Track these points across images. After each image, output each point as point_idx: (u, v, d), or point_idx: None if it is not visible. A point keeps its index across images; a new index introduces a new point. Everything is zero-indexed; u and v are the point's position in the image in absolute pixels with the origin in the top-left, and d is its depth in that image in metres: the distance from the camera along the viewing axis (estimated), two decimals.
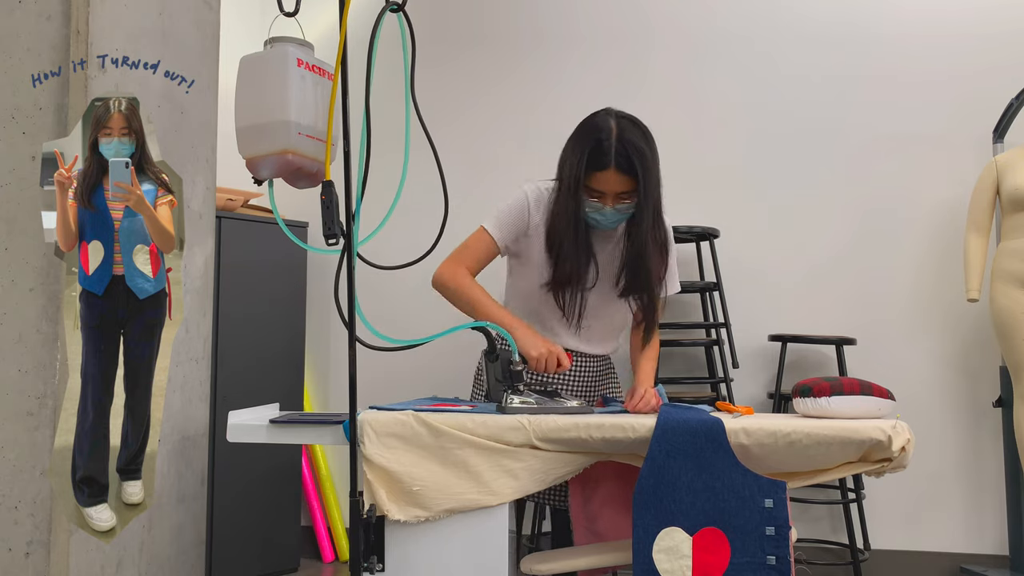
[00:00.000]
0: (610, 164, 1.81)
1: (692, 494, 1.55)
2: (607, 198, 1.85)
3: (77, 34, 1.54)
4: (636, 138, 1.82)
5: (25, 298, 1.49)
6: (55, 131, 1.52)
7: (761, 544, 1.54)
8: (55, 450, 1.61)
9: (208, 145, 1.95)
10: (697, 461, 1.56)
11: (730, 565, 1.53)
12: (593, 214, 1.88)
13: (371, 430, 1.63)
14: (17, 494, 1.47)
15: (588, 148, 1.82)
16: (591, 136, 1.83)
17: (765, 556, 1.54)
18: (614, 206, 1.86)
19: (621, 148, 1.80)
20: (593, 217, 1.89)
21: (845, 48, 3.21)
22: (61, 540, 1.48)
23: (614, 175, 1.82)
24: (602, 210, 1.87)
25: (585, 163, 1.82)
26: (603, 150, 1.81)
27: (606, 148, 1.81)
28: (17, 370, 1.49)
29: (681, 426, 1.57)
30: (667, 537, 1.55)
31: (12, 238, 1.51)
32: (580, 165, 1.83)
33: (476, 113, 3.44)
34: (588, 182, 1.84)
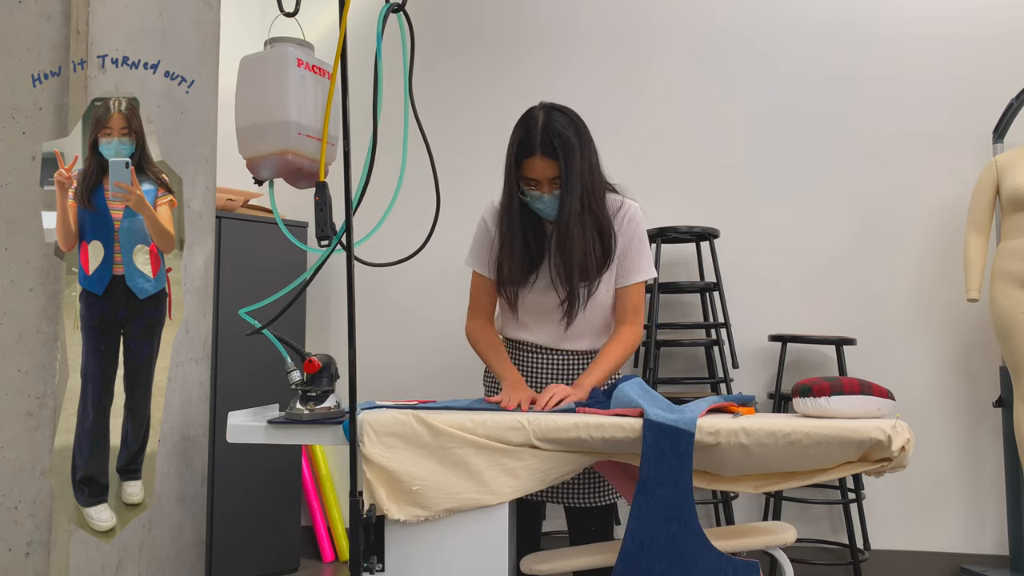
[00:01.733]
0: (536, 150, 1.88)
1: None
2: (542, 185, 1.91)
3: (77, 34, 1.54)
4: (561, 125, 1.89)
5: (25, 298, 1.49)
6: (55, 131, 1.52)
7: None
8: (55, 450, 1.61)
9: (208, 145, 1.95)
10: (670, 551, 1.57)
11: None
12: (534, 203, 1.93)
13: (371, 430, 1.63)
14: (17, 494, 1.47)
15: (519, 137, 1.91)
16: (522, 127, 1.92)
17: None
18: (550, 192, 1.91)
19: (546, 135, 1.87)
20: (535, 206, 1.94)
21: (845, 48, 3.21)
22: (61, 540, 1.48)
23: (540, 161, 1.88)
24: (541, 197, 1.91)
25: (516, 152, 1.91)
26: (530, 138, 1.88)
27: (532, 135, 1.88)
28: (17, 370, 1.49)
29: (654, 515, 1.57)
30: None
31: (12, 238, 1.51)
32: (512, 155, 1.92)
33: (476, 113, 3.44)
34: (522, 171, 1.91)
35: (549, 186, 1.90)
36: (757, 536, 1.82)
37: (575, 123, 1.91)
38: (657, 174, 3.31)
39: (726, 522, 3.00)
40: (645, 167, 3.32)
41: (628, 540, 1.59)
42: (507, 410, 1.77)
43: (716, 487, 1.73)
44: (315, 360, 1.72)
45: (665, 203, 3.26)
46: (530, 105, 1.99)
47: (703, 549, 1.56)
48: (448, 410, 1.72)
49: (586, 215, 1.90)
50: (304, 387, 1.72)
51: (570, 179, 1.87)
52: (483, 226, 2.07)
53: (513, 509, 1.77)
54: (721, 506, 3.04)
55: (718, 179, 3.26)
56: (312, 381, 1.72)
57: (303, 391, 1.72)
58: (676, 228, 3.00)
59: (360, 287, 1.67)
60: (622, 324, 2.03)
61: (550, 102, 1.95)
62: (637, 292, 2.02)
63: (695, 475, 1.69)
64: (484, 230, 2.06)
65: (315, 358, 1.72)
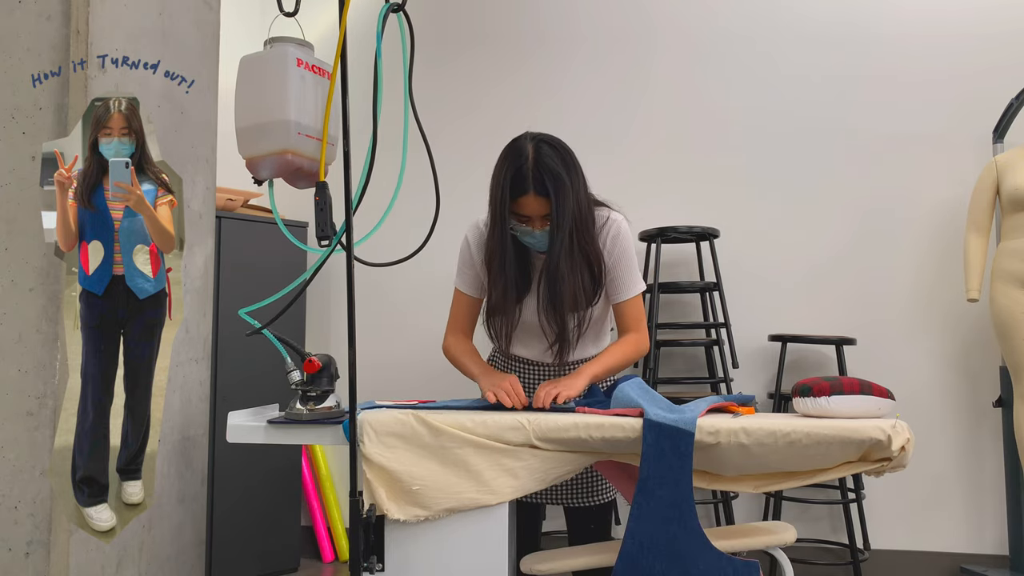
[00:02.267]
0: (529, 189, 1.84)
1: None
2: (534, 221, 1.88)
3: (77, 34, 1.54)
4: (552, 161, 1.84)
5: (25, 298, 1.49)
6: (55, 131, 1.52)
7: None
8: (55, 450, 1.61)
9: (208, 145, 1.95)
10: (671, 550, 1.57)
11: None
12: (524, 237, 1.91)
13: (371, 429, 1.63)
14: (17, 494, 1.47)
15: (510, 174, 1.86)
16: (512, 162, 1.86)
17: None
18: (542, 228, 1.88)
19: (537, 173, 1.83)
20: (525, 240, 1.92)
21: (845, 48, 3.21)
22: (61, 540, 1.48)
23: (534, 199, 1.85)
24: (532, 233, 1.89)
25: (508, 189, 1.86)
26: (522, 175, 1.84)
27: (524, 173, 1.84)
28: (17, 370, 1.49)
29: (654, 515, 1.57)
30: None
31: (12, 238, 1.51)
32: (504, 192, 1.86)
33: (476, 113, 3.44)
34: (514, 208, 1.88)
35: (541, 223, 1.88)
36: (757, 536, 1.82)
37: (564, 157, 1.87)
38: (657, 174, 3.32)
39: (726, 522, 3.00)
40: (645, 167, 3.32)
41: (628, 540, 1.59)
42: (504, 407, 1.77)
43: (716, 487, 1.73)
44: (315, 360, 1.71)
45: (665, 203, 3.26)
46: (530, 105, 1.98)
47: (703, 549, 1.56)
48: (448, 410, 1.72)
49: (575, 249, 1.88)
50: (304, 387, 1.72)
51: (561, 217, 1.84)
52: (466, 248, 2.05)
53: (513, 509, 1.77)
54: (721, 506, 3.04)
55: (718, 179, 3.26)
56: (312, 381, 1.72)
57: (303, 391, 1.72)
58: (676, 228, 3.00)
59: (360, 287, 1.67)
60: (627, 332, 2.02)
61: (537, 133, 1.92)
62: (635, 304, 2.01)
63: (695, 475, 1.69)
64: (467, 252, 2.05)
65: (315, 358, 1.72)
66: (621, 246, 1.98)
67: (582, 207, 1.89)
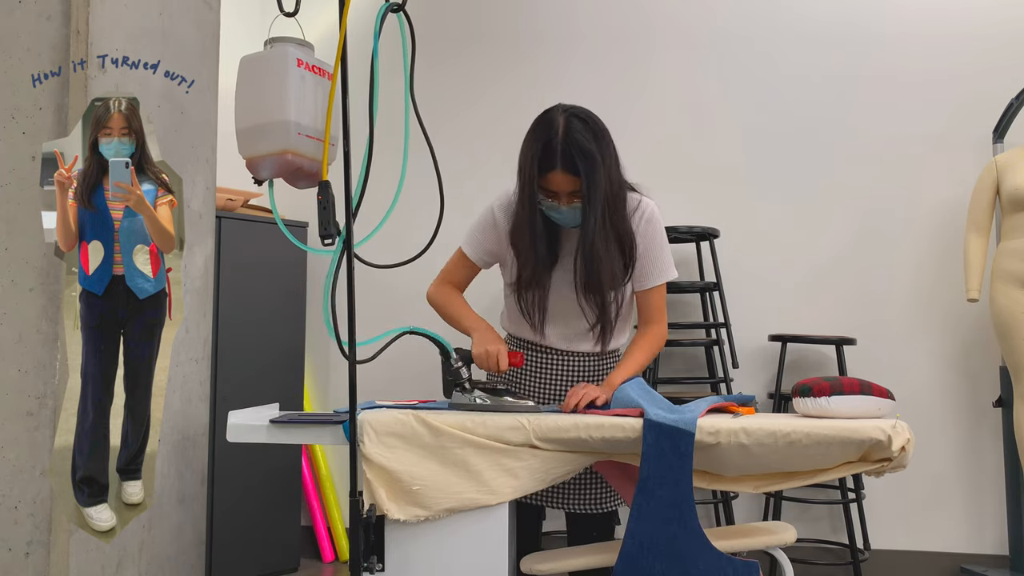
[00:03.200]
0: (557, 165, 1.80)
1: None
2: (560, 197, 1.85)
3: (77, 34, 1.54)
4: (583, 137, 1.80)
5: (25, 298, 1.49)
6: (55, 131, 1.52)
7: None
8: (55, 450, 1.61)
9: (208, 145, 1.95)
10: (671, 550, 1.56)
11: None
12: (552, 212, 1.88)
13: (371, 430, 1.63)
14: (17, 494, 1.47)
15: (539, 148, 1.82)
16: (541, 136, 1.83)
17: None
18: (568, 205, 1.85)
19: (566, 148, 1.79)
20: (553, 215, 1.89)
21: (845, 48, 3.21)
22: (61, 540, 1.48)
23: (561, 175, 1.81)
24: (558, 208, 1.86)
25: (537, 164, 1.82)
26: (551, 150, 1.80)
27: (552, 148, 1.80)
28: (17, 370, 1.49)
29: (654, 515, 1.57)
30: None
31: (12, 238, 1.51)
32: (532, 166, 1.83)
33: (476, 113, 3.44)
34: (541, 183, 1.84)
35: (567, 199, 1.84)
36: (757, 536, 1.82)
37: (596, 133, 1.83)
38: (657, 174, 3.29)
39: (726, 522, 3.00)
40: (645, 167, 3.29)
41: (628, 540, 1.59)
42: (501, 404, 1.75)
43: (716, 487, 1.73)
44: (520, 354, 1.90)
45: (665, 203, 3.23)
46: (529, 105, 1.97)
47: (703, 549, 1.56)
48: (448, 410, 1.72)
49: (608, 228, 1.84)
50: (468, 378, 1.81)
51: (593, 195, 1.80)
52: (491, 216, 2.01)
53: (513, 509, 1.77)
54: (721, 506, 3.03)
55: (718, 179, 3.26)
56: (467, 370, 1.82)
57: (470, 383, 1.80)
58: (676, 228, 3.00)
59: (360, 287, 1.67)
60: (649, 324, 2.00)
61: (569, 105, 1.87)
62: (659, 293, 1.99)
63: (695, 475, 1.69)
64: (491, 219, 2.01)
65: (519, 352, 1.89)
66: (654, 230, 1.95)
67: (613, 184, 1.85)
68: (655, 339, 1.99)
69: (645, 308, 2.00)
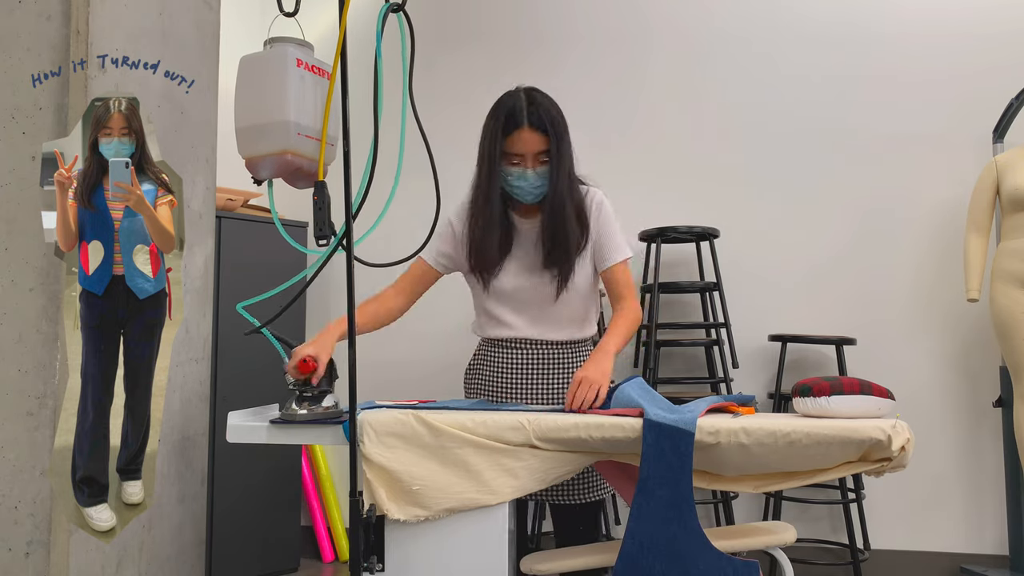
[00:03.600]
0: (523, 123, 1.88)
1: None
2: (527, 159, 1.90)
3: (77, 34, 1.54)
4: (548, 102, 1.91)
5: (25, 298, 1.49)
6: (55, 131, 1.52)
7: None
8: (55, 450, 1.61)
9: (208, 145, 1.95)
10: (671, 550, 1.57)
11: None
12: (516, 181, 1.92)
13: (371, 429, 1.63)
14: (17, 494, 1.47)
15: (502, 115, 1.91)
16: (503, 106, 1.92)
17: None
18: (534, 168, 1.91)
19: (532, 108, 1.89)
20: (517, 185, 1.92)
21: (845, 48, 3.21)
22: (61, 540, 1.48)
23: (528, 133, 1.88)
24: (524, 174, 1.91)
25: (501, 129, 1.90)
26: (515, 112, 1.89)
27: (518, 110, 1.89)
28: (17, 370, 1.49)
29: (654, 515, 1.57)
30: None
31: (12, 238, 1.51)
32: (496, 132, 1.90)
33: (475, 113, 3.43)
34: (506, 148, 1.91)
35: (534, 161, 1.90)
36: (757, 536, 1.82)
37: (556, 105, 1.93)
38: (657, 174, 3.32)
39: (726, 522, 3.00)
40: (644, 167, 3.32)
41: (628, 540, 1.59)
42: (503, 408, 1.76)
43: (716, 487, 1.73)
44: (310, 360, 1.71)
45: (665, 203, 3.26)
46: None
47: (703, 549, 1.56)
48: (448, 410, 1.72)
49: (573, 195, 1.93)
50: (300, 387, 1.72)
51: (560, 155, 1.89)
52: (446, 222, 2.06)
53: (513, 509, 1.77)
54: (721, 506, 3.03)
55: (718, 179, 3.26)
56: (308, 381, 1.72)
57: (300, 391, 1.72)
58: (676, 228, 3.00)
59: (360, 286, 1.67)
60: (622, 300, 2.03)
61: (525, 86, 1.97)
62: (623, 271, 2.02)
63: (696, 475, 1.69)
64: (447, 226, 2.06)
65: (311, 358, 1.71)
66: (605, 213, 2.01)
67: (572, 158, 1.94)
68: (631, 314, 2.01)
69: (614, 285, 2.02)
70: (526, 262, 2.00)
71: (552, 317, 2.03)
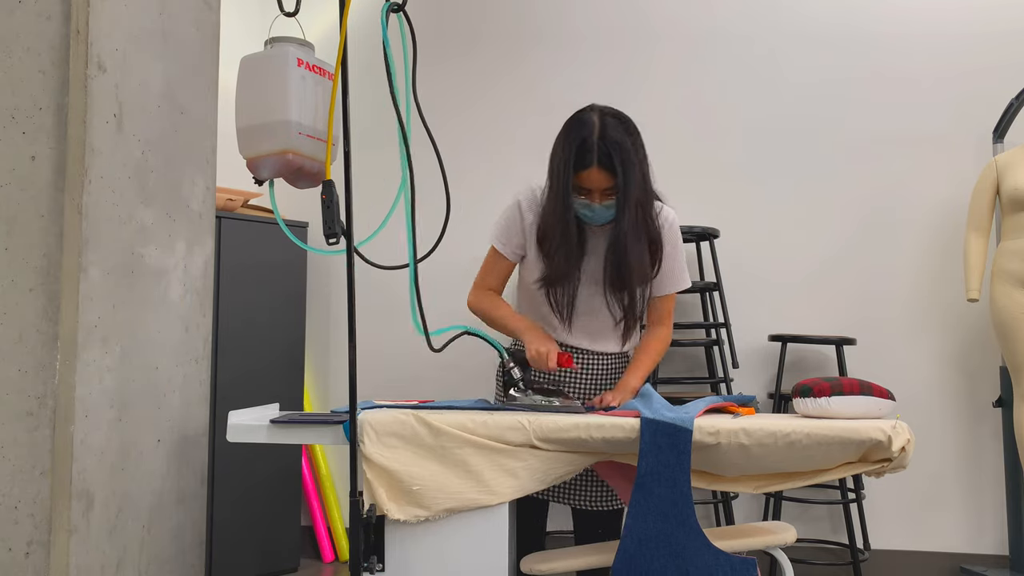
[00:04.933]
0: (593, 162, 1.84)
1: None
2: (594, 195, 1.88)
3: (77, 34, 1.53)
4: (619, 135, 1.85)
5: (25, 298, 1.49)
6: (55, 131, 1.52)
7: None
8: (55, 450, 1.60)
9: (208, 145, 1.95)
10: (669, 547, 1.57)
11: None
12: (583, 210, 1.91)
13: (371, 430, 1.63)
14: (17, 494, 1.47)
15: (574, 147, 1.86)
16: (577, 134, 1.87)
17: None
18: (602, 203, 1.89)
19: (603, 146, 1.83)
20: (584, 213, 1.92)
21: (845, 48, 3.21)
22: (61, 540, 1.48)
23: (597, 173, 1.85)
24: (591, 206, 1.90)
25: (572, 162, 1.86)
26: (587, 148, 1.84)
27: (589, 146, 1.84)
28: (17, 370, 1.49)
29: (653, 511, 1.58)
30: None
31: (12, 238, 1.51)
32: (567, 164, 1.86)
33: (476, 112, 3.44)
34: (576, 180, 1.87)
35: (601, 196, 1.88)
36: (757, 536, 1.82)
37: (631, 132, 1.88)
38: (657, 174, 3.31)
39: (726, 522, 3.00)
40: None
41: (626, 537, 1.59)
42: (510, 408, 1.76)
43: (716, 487, 1.73)
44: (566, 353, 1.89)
45: (668, 200, 3.26)
46: (530, 104, 1.98)
47: (701, 546, 1.56)
48: (448, 410, 1.72)
49: (639, 225, 1.89)
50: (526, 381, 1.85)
51: (628, 191, 1.84)
52: (516, 211, 2.03)
53: (513, 509, 1.77)
54: (721, 506, 3.04)
55: (718, 179, 3.26)
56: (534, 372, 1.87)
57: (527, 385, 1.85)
58: None
59: (361, 286, 1.67)
60: (658, 325, 2.06)
61: (603, 106, 1.92)
62: (671, 299, 2.07)
63: (696, 475, 1.69)
64: (517, 215, 2.03)
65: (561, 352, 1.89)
66: (674, 238, 2.01)
67: (646, 184, 1.91)
68: (663, 341, 2.06)
69: (656, 311, 2.07)
70: (595, 276, 1.99)
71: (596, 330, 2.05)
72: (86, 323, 1.53)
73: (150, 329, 1.73)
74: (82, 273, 1.53)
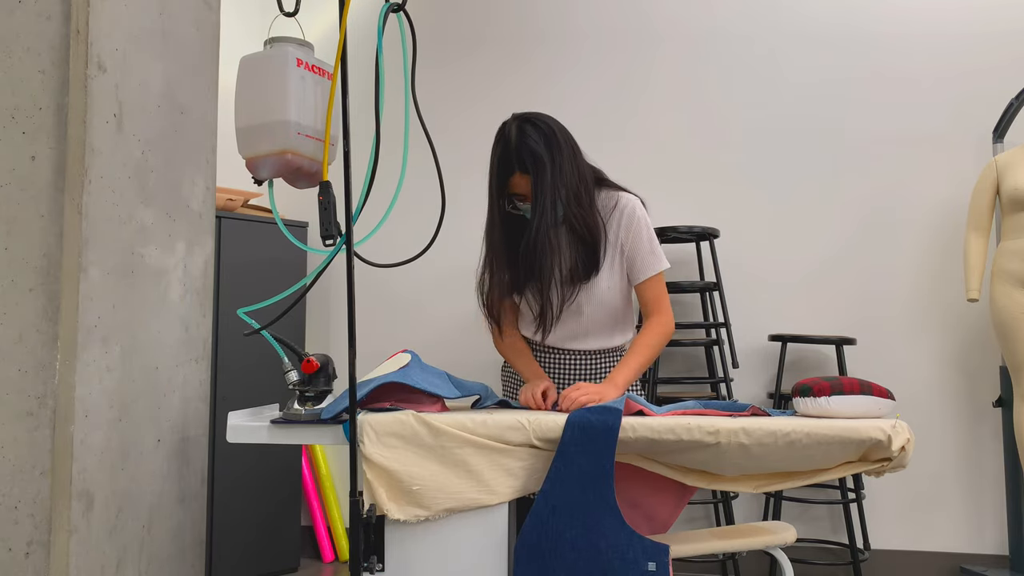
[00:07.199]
0: (514, 170, 1.92)
1: (575, 551, 1.55)
2: (527, 198, 1.95)
3: (77, 34, 1.54)
4: (532, 140, 1.91)
5: (25, 298, 1.49)
6: (55, 131, 1.52)
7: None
8: (55, 450, 1.60)
9: (208, 145, 1.95)
10: (584, 519, 1.56)
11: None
12: (527, 214, 1.96)
13: (371, 429, 1.63)
14: (17, 494, 1.47)
15: (497, 156, 1.95)
16: (499, 144, 1.96)
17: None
18: None
19: (519, 153, 1.91)
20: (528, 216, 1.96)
21: (846, 48, 3.21)
22: (61, 540, 1.48)
23: (520, 178, 1.93)
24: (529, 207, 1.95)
25: (497, 171, 1.95)
26: (507, 155, 1.93)
27: (509, 153, 1.92)
28: (17, 370, 1.49)
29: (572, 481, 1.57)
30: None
31: (12, 238, 1.51)
32: (495, 174, 1.96)
33: (477, 112, 3.44)
34: (508, 188, 1.96)
35: None
36: (757, 536, 1.82)
37: (546, 133, 1.92)
38: (658, 174, 3.32)
39: (726, 522, 3.00)
40: (646, 167, 3.32)
41: (540, 500, 1.59)
42: (530, 407, 1.78)
43: (716, 487, 1.73)
44: (312, 360, 1.72)
45: (665, 203, 3.26)
46: (531, 105, 1.99)
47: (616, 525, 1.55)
48: (448, 410, 1.72)
49: (558, 221, 1.92)
50: (302, 387, 1.72)
51: (541, 193, 1.89)
52: None
53: (513, 509, 1.77)
54: (721, 506, 3.04)
55: (718, 179, 3.26)
56: (309, 381, 1.72)
57: (300, 391, 1.73)
58: (676, 228, 3.00)
59: (360, 286, 1.67)
60: (650, 316, 2.05)
61: (522, 113, 1.98)
62: (656, 284, 2.03)
63: (696, 475, 1.69)
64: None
65: (312, 358, 1.72)
66: (637, 224, 2.01)
67: (569, 180, 1.92)
68: (657, 330, 2.02)
69: (644, 301, 2.05)
70: None
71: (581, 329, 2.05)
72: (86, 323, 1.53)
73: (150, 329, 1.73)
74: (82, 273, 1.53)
